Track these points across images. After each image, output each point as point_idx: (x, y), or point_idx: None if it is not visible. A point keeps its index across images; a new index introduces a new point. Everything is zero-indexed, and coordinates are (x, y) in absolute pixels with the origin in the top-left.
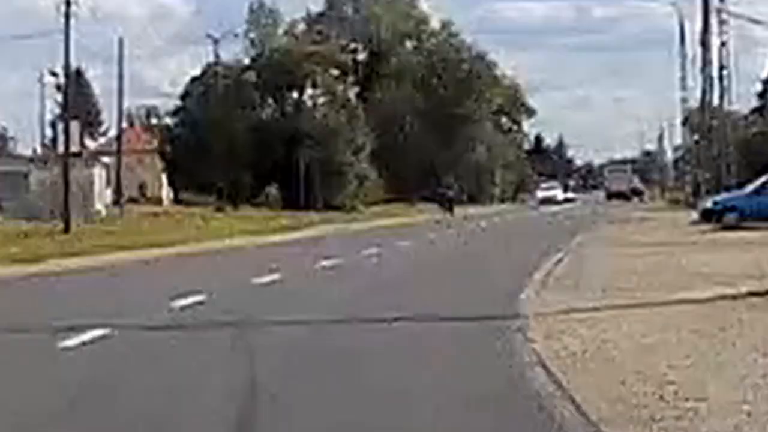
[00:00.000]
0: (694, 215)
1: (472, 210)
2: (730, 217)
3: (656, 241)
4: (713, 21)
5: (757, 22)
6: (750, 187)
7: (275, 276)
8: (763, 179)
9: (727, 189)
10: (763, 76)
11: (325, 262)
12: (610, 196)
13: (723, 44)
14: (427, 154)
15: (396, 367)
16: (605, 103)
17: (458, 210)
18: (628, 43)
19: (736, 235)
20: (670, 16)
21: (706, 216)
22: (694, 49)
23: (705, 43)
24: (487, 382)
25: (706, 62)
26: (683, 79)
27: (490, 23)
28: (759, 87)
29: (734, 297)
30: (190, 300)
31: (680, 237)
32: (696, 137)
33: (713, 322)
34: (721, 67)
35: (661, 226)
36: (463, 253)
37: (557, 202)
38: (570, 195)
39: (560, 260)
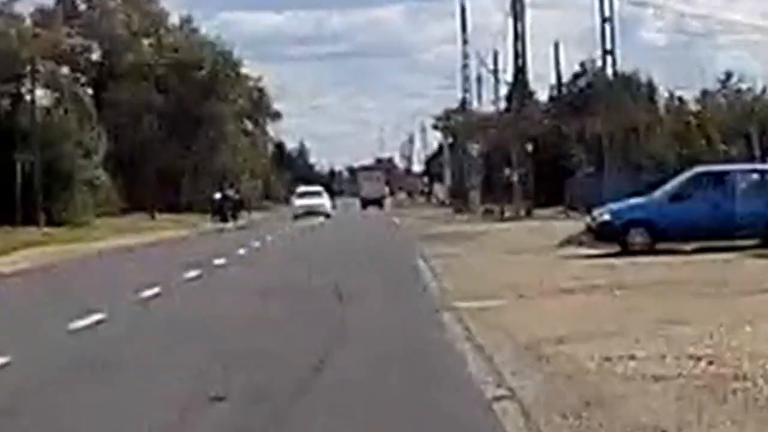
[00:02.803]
0: (572, 229)
1: (229, 223)
2: (638, 236)
3: (563, 286)
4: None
5: None
6: (662, 191)
7: None
8: (684, 177)
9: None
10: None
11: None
12: (366, 203)
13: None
14: (169, 159)
15: None
16: (344, 110)
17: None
18: (364, 50)
19: (668, 261)
20: (403, 25)
21: (603, 233)
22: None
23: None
24: None
25: (518, 36)
26: (465, 66)
27: (229, 33)
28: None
29: None
30: None
31: (583, 272)
32: (450, 140)
33: None
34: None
35: (513, 250)
36: (281, 316)
37: (324, 215)
38: None
39: (472, 337)
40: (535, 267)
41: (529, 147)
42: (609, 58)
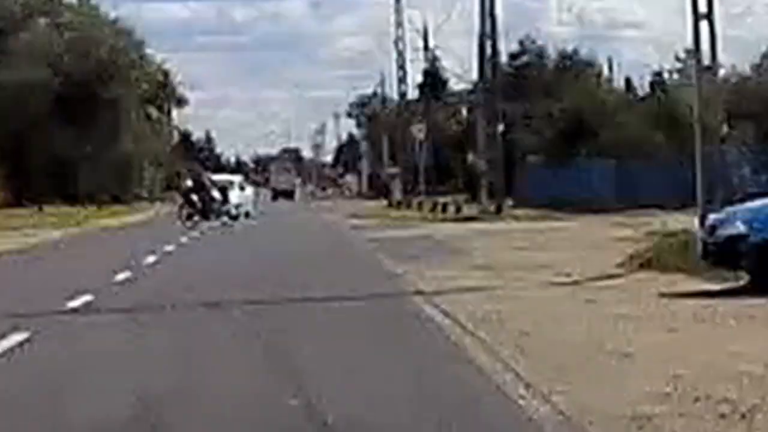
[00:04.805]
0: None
1: (133, 216)
2: None
3: None
4: None
5: None
6: None
7: None
8: None
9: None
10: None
11: None
12: (277, 194)
13: None
14: (64, 146)
15: None
16: (247, 102)
17: (120, 218)
18: (267, 43)
19: None
20: (305, 18)
21: (730, 255)
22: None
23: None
24: None
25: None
26: (398, 40)
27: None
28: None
29: None
30: None
31: None
32: (364, 130)
33: None
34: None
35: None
36: None
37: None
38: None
39: None
40: (665, 326)
41: (501, 127)
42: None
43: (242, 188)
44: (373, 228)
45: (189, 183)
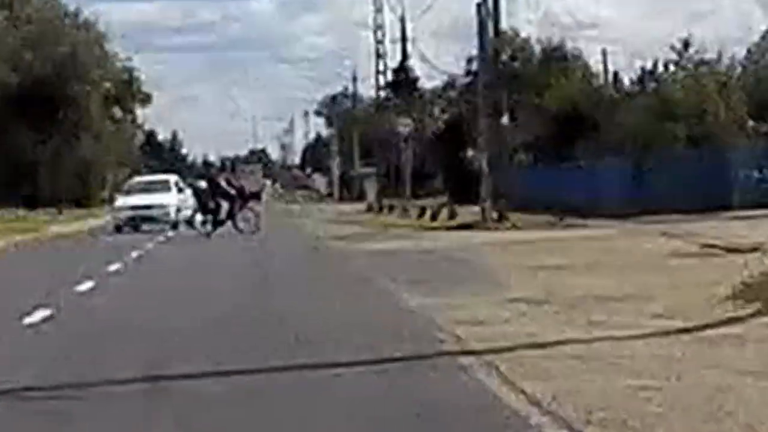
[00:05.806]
0: None
1: (90, 222)
2: None
3: None
4: None
5: None
6: None
7: None
8: None
9: None
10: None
11: None
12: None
13: None
14: (22, 148)
15: None
16: (214, 102)
17: (76, 225)
18: (232, 43)
19: None
20: (273, 17)
21: None
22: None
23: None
24: None
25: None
26: (378, 28)
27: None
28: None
29: None
30: None
31: None
32: (333, 129)
33: None
34: None
35: None
36: None
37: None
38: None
39: None
40: None
41: (505, 119)
42: None
43: (180, 190)
44: (359, 239)
45: (203, 185)
